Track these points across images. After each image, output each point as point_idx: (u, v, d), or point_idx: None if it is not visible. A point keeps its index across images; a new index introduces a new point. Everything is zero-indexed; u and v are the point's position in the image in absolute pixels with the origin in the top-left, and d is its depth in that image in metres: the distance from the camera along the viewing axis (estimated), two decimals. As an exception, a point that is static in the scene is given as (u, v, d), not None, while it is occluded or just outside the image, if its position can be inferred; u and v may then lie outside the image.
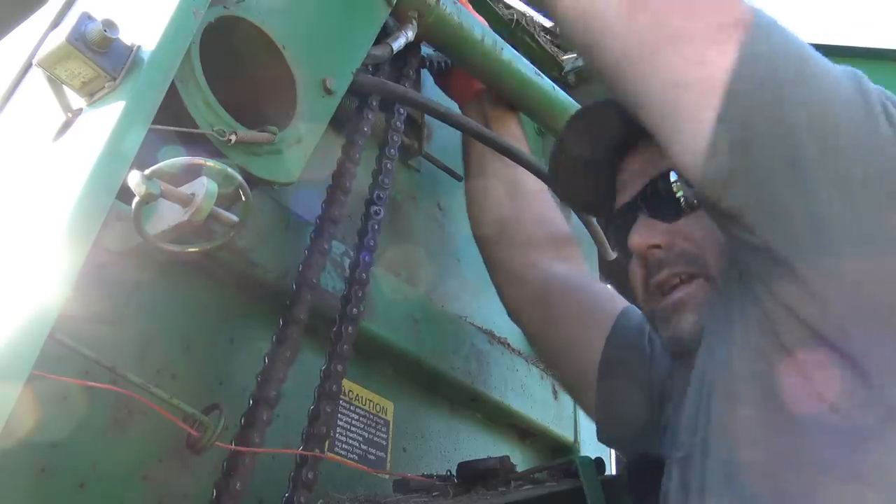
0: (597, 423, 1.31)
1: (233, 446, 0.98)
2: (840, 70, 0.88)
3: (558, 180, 1.25)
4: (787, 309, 0.83)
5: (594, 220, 1.75)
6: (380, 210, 1.33)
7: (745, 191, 0.84)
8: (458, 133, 1.62)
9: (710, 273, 1.05)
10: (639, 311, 1.27)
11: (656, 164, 1.11)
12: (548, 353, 1.47)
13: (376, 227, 1.30)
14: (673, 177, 1.10)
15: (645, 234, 1.09)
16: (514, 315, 1.50)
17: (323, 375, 1.14)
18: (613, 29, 0.93)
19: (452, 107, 1.63)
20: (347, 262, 1.29)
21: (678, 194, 1.09)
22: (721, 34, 0.86)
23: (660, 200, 1.11)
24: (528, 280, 1.44)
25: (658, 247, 1.08)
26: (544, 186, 1.54)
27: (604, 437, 1.31)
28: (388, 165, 1.38)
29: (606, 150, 1.18)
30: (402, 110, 1.45)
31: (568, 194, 1.30)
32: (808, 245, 0.81)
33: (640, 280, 1.12)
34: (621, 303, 1.36)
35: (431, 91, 1.72)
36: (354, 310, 1.20)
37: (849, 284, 0.80)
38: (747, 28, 0.85)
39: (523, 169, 1.52)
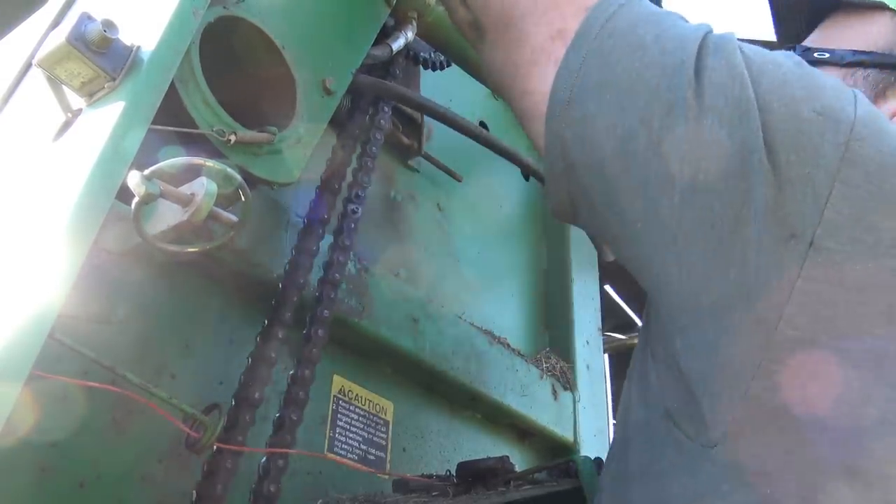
0: None
1: (232, 447, 0.98)
2: (675, 40, 0.75)
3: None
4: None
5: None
6: (357, 209, 1.30)
7: (587, 219, 0.81)
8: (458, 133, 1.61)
9: None
10: None
11: None
12: None
13: (353, 226, 1.28)
14: None
15: None
16: None
17: (290, 381, 1.12)
18: (485, 72, 0.93)
19: (451, 107, 1.63)
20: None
21: None
22: (541, 55, 0.80)
23: None
24: None
25: None
26: None
27: None
28: (369, 163, 1.35)
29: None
30: (386, 108, 1.43)
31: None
32: (648, 263, 0.77)
33: None
34: None
35: (430, 91, 1.72)
36: (325, 311, 1.18)
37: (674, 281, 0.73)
38: (566, 38, 0.79)
39: None
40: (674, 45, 0.74)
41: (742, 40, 0.76)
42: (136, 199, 0.79)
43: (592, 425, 1.79)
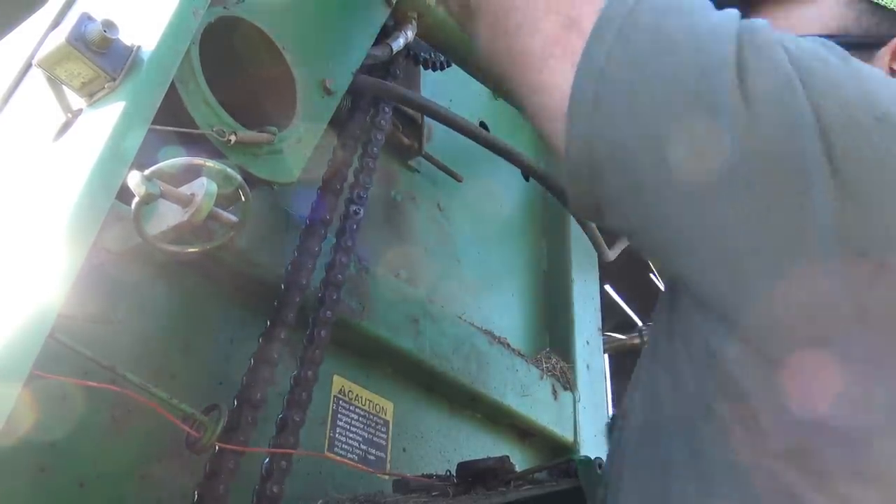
0: None
1: (232, 447, 0.98)
2: (709, 34, 0.68)
3: None
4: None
5: (592, 224, 1.74)
6: (359, 210, 1.30)
7: (617, 224, 0.76)
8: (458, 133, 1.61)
9: None
10: None
11: None
12: None
13: (354, 227, 1.28)
14: None
15: None
16: None
17: (293, 382, 1.12)
18: (482, 56, 0.85)
19: (451, 107, 1.63)
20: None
21: None
22: (555, 48, 0.73)
23: None
24: None
25: None
26: None
27: None
28: (370, 164, 1.35)
29: None
30: (386, 109, 1.43)
31: None
32: (677, 259, 0.72)
33: None
34: None
35: (431, 91, 1.72)
36: (328, 313, 1.18)
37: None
38: (582, 29, 0.72)
39: None
40: (708, 40, 0.68)
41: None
42: (136, 199, 0.79)
43: (592, 425, 1.79)
